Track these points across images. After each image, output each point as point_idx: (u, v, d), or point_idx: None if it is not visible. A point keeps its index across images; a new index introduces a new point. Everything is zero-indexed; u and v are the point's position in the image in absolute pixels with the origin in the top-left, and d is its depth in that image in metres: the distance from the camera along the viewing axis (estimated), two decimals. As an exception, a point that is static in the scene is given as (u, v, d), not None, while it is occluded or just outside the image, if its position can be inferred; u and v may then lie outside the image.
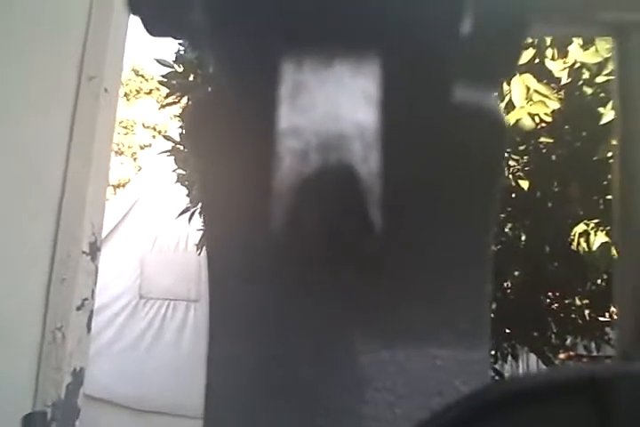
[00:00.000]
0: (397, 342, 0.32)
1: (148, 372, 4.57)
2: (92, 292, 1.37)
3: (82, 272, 1.33)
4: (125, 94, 12.91)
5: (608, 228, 2.51)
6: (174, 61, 3.50)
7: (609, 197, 2.65)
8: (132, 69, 13.07)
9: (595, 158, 2.33)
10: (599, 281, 3.67)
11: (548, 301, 3.99)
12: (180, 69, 3.46)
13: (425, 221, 0.30)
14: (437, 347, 0.32)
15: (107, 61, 1.41)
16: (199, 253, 3.96)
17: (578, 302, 3.92)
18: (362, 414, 0.31)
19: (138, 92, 13.17)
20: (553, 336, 3.94)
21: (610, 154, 2.30)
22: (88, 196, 1.35)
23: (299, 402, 0.32)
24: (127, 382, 4.54)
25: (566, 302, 4.03)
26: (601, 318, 4.21)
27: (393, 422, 0.31)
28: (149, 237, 5.22)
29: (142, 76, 13.17)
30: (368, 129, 0.24)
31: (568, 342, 4.17)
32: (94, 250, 1.36)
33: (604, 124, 2.18)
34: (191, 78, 3.44)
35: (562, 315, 4.00)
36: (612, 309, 4.32)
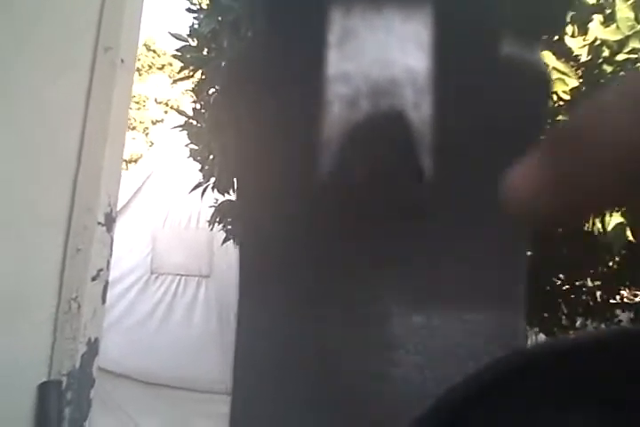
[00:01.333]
0: (430, 305, 0.31)
1: (158, 346, 4.62)
2: (108, 263, 1.37)
3: (97, 243, 1.33)
4: (137, 69, 12.86)
5: (623, 209, 2.49)
6: (188, 35, 3.48)
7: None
8: (144, 44, 13.02)
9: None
10: (610, 263, 3.65)
11: (559, 282, 3.98)
12: (194, 43, 3.44)
13: (470, 174, 0.29)
14: (471, 311, 0.31)
15: (123, 32, 1.40)
16: (211, 229, 3.96)
17: (589, 284, 3.91)
18: (391, 376, 0.31)
19: (150, 67, 13.13)
20: (563, 317, 3.93)
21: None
22: (104, 166, 1.35)
23: (328, 363, 0.31)
24: (137, 356, 4.59)
25: (577, 283, 4.02)
26: (611, 301, 4.20)
27: (422, 384, 0.31)
28: (161, 213, 5.24)
29: (154, 51, 13.12)
30: (418, 75, 0.24)
31: (578, 323, 4.17)
32: (110, 221, 1.36)
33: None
34: (205, 52, 3.42)
35: (572, 296, 4.00)
36: (623, 291, 4.31)
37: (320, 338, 0.32)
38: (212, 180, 3.66)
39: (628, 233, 2.47)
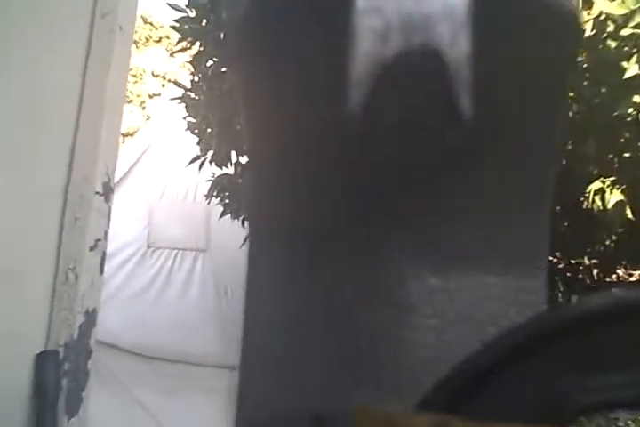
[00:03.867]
0: (447, 269, 0.30)
1: (155, 320, 4.61)
2: (105, 233, 1.36)
3: (95, 213, 1.31)
4: (134, 42, 12.72)
5: (624, 186, 2.48)
6: (186, 6, 3.42)
7: (626, 154, 2.61)
8: (141, 17, 12.83)
9: (615, 114, 2.28)
10: (608, 242, 3.65)
11: (556, 259, 3.98)
12: (193, 14, 3.39)
13: (503, 121, 0.27)
14: (491, 274, 0.30)
15: (121, -2, 1.37)
16: (208, 203, 3.94)
17: (586, 262, 3.92)
18: (407, 340, 0.30)
19: (147, 40, 12.98)
20: (559, 295, 3.94)
21: (631, 110, 2.25)
22: (102, 136, 1.32)
23: (339, 328, 0.30)
24: (134, 329, 4.58)
25: (573, 261, 4.03)
26: (607, 279, 4.22)
27: (440, 349, 0.29)
28: (158, 187, 5.21)
29: (151, 24, 12.95)
30: (456, 9, 0.22)
31: (574, 301, 4.18)
32: (107, 191, 1.34)
33: (627, 78, 2.13)
34: (204, 23, 3.37)
35: (569, 274, 4.00)
36: (619, 271, 4.32)
37: (332, 301, 0.30)
38: (210, 153, 3.64)
39: (628, 211, 2.46)
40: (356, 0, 0.23)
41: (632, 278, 4.50)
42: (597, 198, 2.50)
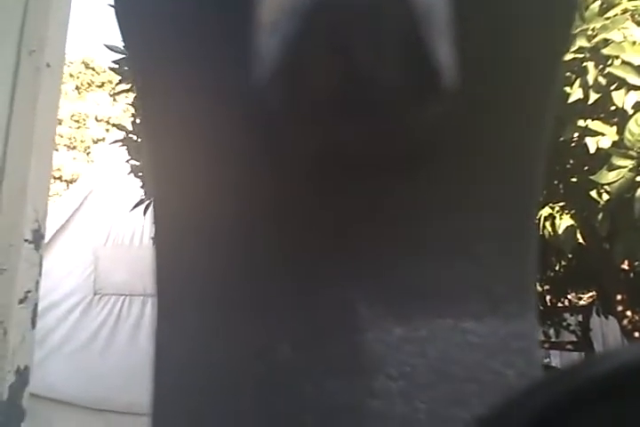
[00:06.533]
0: (415, 313, 0.23)
1: (103, 370, 4.45)
2: (37, 283, 1.26)
3: (24, 262, 1.22)
4: (77, 87, 12.62)
5: (573, 211, 2.47)
6: (124, 47, 3.37)
7: (573, 179, 2.61)
8: (82, 62, 12.77)
9: (561, 139, 2.28)
10: (557, 267, 3.67)
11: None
12: (131, 55, 3.33)
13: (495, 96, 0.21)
14: (469, 318, 0.24)
15: (49, 34, 1.30)
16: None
17: (539, 289, 3.92)
18: (370, 410, 0.23)
19: (90, 85, 12.89)
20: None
21: (576, 134, 2.26)
22: (30, 179, 1.23)
23: (275, 398, 0.23)
24: (82, 381, 4.41)
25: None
26: (559, 304, 4.24)
27: (414, 421, 0.23)
28: (103, 232, 5.08)
29: (93, 69, 12.89)
30: None
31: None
32: (38, 238, 1.25)
33: (571, 103, 2.13)
34: (143, 64, 3.31)
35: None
36: (569, 295, 4.35)
37: (266, 364, 0.23)
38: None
39: (579, 235, 2.46)
40: None
41: (582, 302, 4.55)
42: (548, 224, 2.49)
